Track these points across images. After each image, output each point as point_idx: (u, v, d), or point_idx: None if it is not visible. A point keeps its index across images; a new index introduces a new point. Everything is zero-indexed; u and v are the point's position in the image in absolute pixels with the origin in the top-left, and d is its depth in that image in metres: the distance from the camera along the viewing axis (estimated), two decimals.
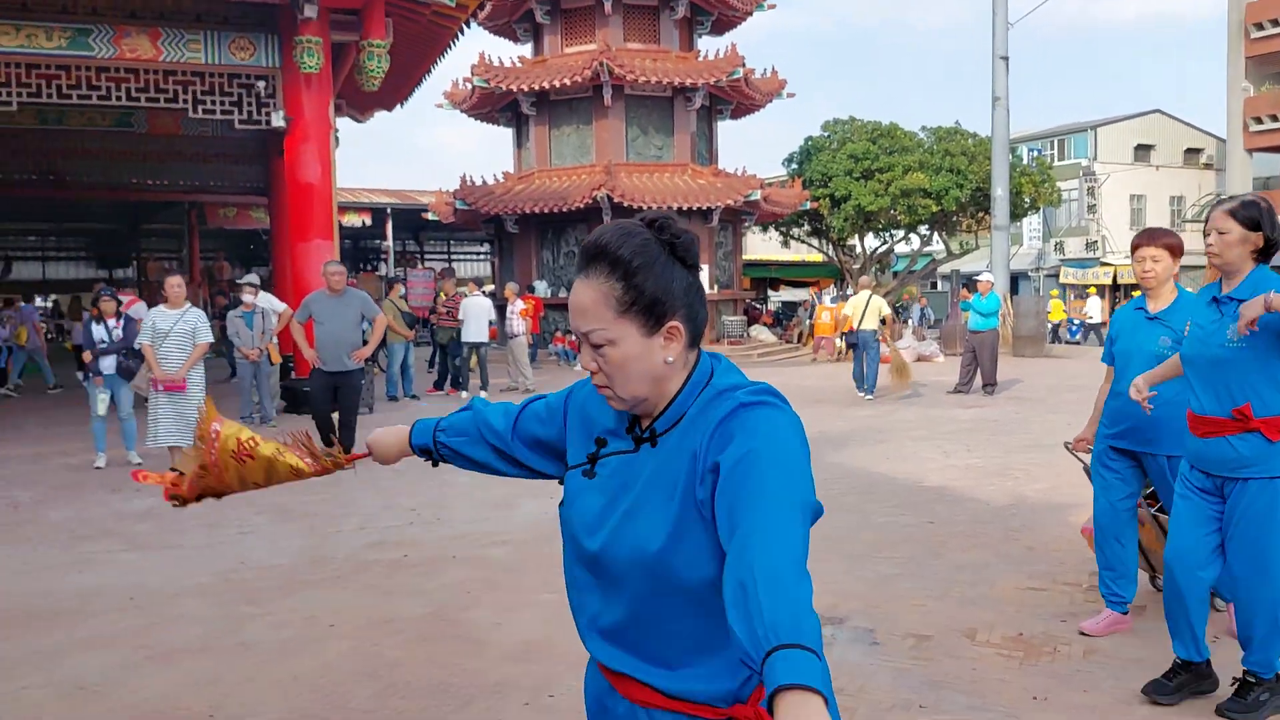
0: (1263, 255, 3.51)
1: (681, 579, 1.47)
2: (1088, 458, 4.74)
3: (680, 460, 1.48)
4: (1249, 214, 3.47)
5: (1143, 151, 44.57)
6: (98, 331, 9.27)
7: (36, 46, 12.73)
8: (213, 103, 13.55)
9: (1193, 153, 45.69)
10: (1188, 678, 3.68)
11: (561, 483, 1.70)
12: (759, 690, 1.45)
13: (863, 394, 14.24)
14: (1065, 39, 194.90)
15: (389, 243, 32.69)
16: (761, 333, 26.59)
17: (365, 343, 9.11)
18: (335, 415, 9.05)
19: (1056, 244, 42.84)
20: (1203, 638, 3.67)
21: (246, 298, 12.23)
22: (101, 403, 9.26)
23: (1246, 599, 3.53)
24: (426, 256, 41.06)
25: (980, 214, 29.65)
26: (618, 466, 1.56)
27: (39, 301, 22.40)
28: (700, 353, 1.57)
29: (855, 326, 14.37)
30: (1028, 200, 30.08)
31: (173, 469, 2.11)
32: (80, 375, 9.65)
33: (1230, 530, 3.53)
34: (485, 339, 15.13)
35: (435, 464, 1.99)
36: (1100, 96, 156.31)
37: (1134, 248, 4.32)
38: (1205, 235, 3.57)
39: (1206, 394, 3.54)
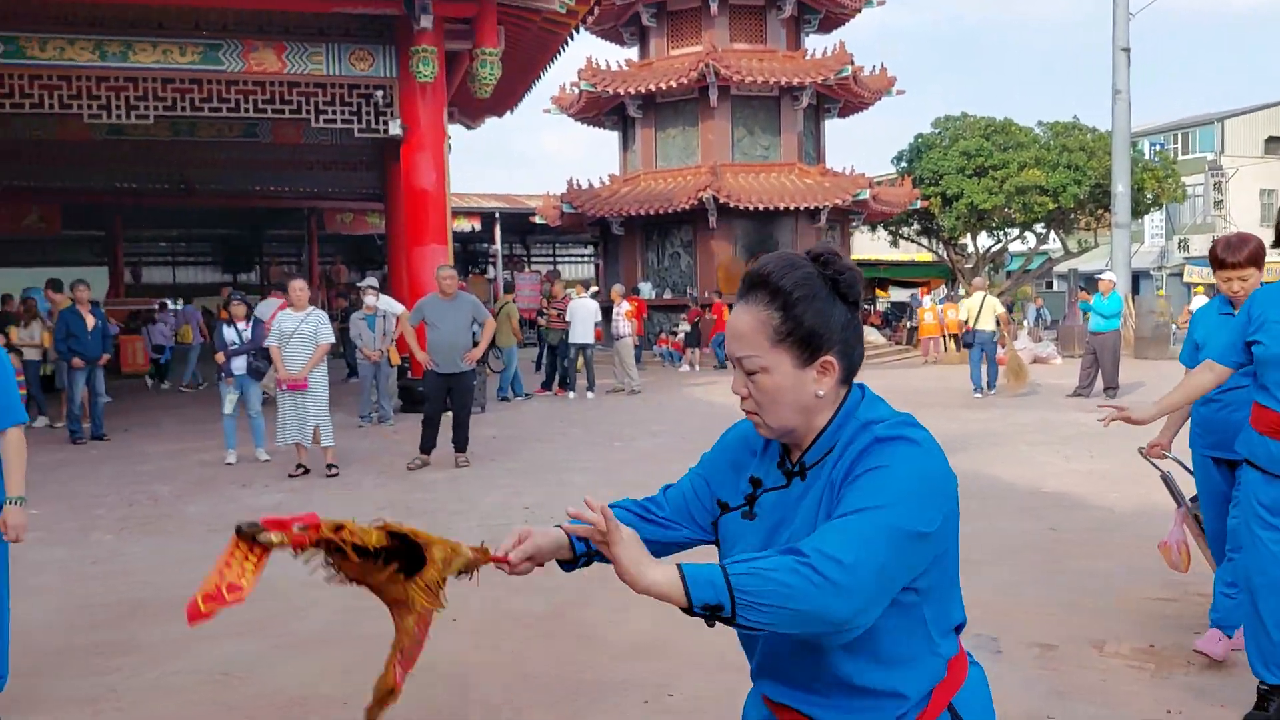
0: None
1: None
2: (1165, 465, 4.52)
3: (825, 494, 1.49)
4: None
5: (1274, 144, 42.46)
6: (229, 334, 9.69)
7: (171, 62, 13.40)
8: (334, 113, 14.04)
9: None
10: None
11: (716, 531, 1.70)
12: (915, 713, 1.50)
13: (979, 395, 14.24)
14: (1190, 28, 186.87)
15: (497, 246, 33.28)
16: (870, 334, 26.22)
17: (475, 344, 9.36)
18: (450, 414, 9.29)
19: (1180, 241, 41.11)
20: None
21: (369, 300, 12.63)
22: (230, 401, 9.72)
23: None
24: (533, 259, 41.68)
25: (1099, 211, 28.66)
26: (774, 503, 1.57)
27: (171, 305, 23.58)
28: (851, 385, 1.57)
29: (972, 326, 14.49)
30: (1150, 196, 28.97)
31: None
32: (215, 376, 10.14)
33: None
34: (591, 340, 15.31)
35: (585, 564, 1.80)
36: (1228, 87, 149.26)
37: (1217, 264, 3.87)
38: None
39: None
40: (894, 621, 1.45)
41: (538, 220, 27.61)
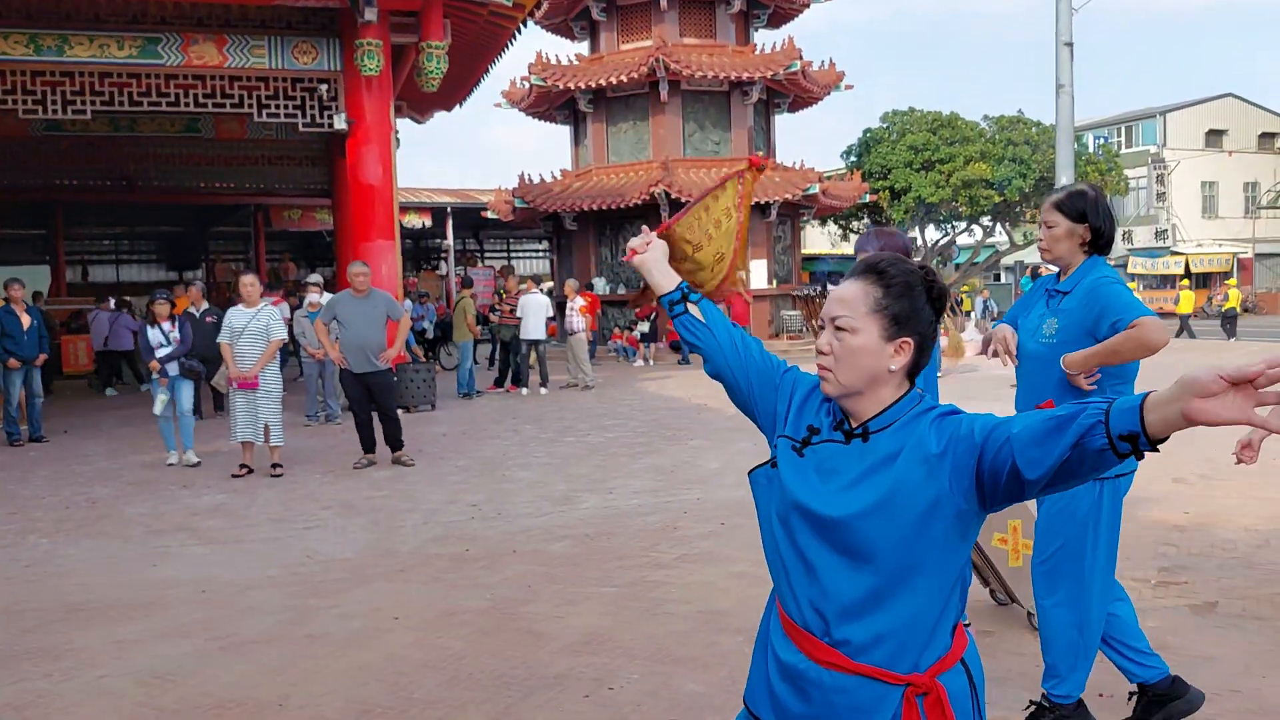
0: (1095, 245, 3.34)
1: (898, 558, 1.69)
2: None
3: (906, 460, 1.71)
4: (1075, 205, 3.31)
5: (1214, 137, 43.37)
6: (153, 335, 9.35)
7: (109, 56, 13.11)
8: (277, 107, 13.82)
9: (1268, 137, 44.39)
10: None
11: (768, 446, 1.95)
12: (935, 666, 1.72)
13: None
14: (1132, 23, 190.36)
15: (449, 242, 33.02)
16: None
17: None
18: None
19: (1125, 233, 41.86)
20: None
21: (312, 297, 12.47)
22: (160, 402, 9.40)
23: None
24: (486, 255, 41.42)
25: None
26: (828, 454, 1.79)
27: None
28: (914, 381, 1.82)
29: None
30: None
31: None
32: (143, 380, 9.80)
33: None
34: (544, 336, 15.25)
35: (682, 311, 2.12)
36: (1169, 81, 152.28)
37: None
38: (1038, 228, 3.46)
39: (1021, 387, 3.48)
40: (952, 564, 1.71)
41: (490, 215, 27.46)
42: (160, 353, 9.31)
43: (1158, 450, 1.47)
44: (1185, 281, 31.96)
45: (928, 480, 1.68)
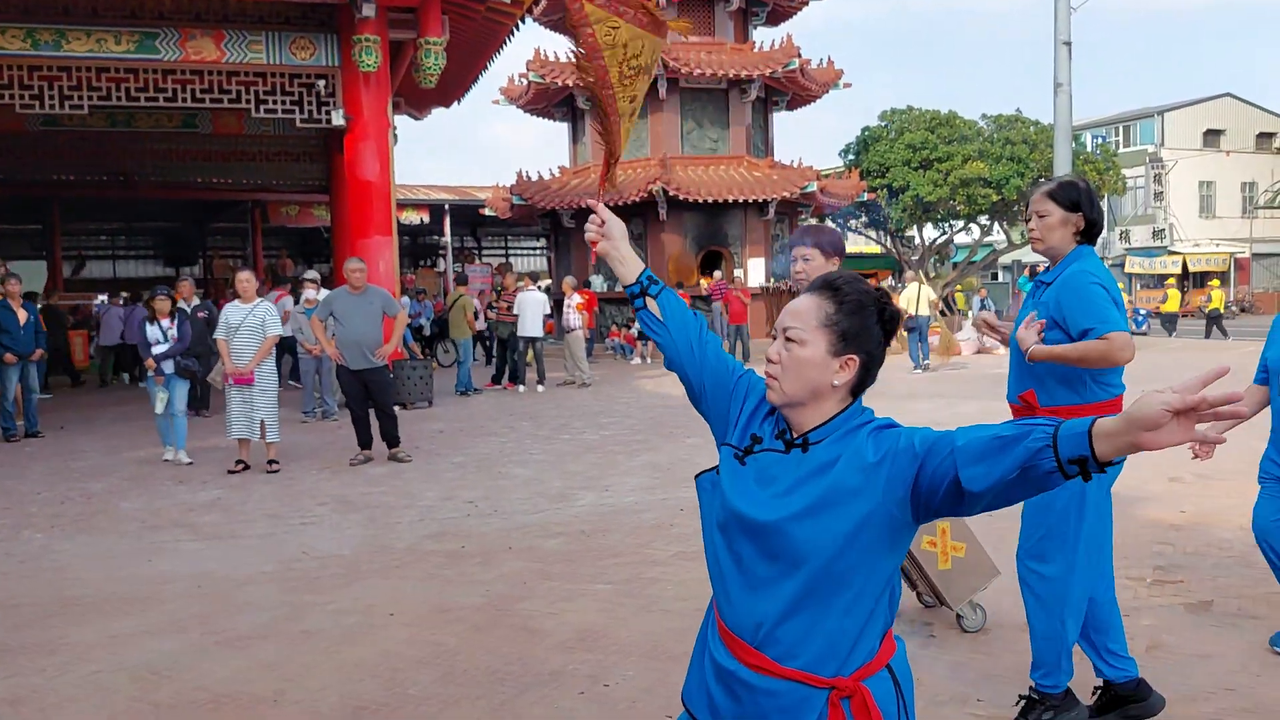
0: (1086, 236, 3.36)
1: (824, 565, 1.73)
2: None
3: (841, 468, 1.75)
4: (1069, 195, 3.32)
5: (1212, 136, 43.40)
6: (152, 332, 9.26)
7: (106, 51, 13.07)
8: (274, 102, 13.79)
9: (1265, 137, 44.41)
10: None
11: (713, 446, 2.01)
12: (860, 670, 1.76)
13: (918, 370, 16.47)
14: (1131, 22, 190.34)
15: (447, 239, 32.99)
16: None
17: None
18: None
19: (1122, 233, 41.90)
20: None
21: (309, 293, 12.45)
22: (161, 401, 9.32)
23: None
24: (484, 252, 41.40)
25: None
26: (767, 462, 1.84)
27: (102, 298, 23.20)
28: (858, 398, 1.87)
29: (914, 313, 16.81)
30: None
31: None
32: (142, 376, 9.72)
33: None
34: (541, 333, 15.24)
35: (641, 306, 2.14)
36: (1168, 81, 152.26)
37: None
38: (1026, 220, 3.46)
39: (1010, 376, 3.55)
40: (879, 573, 1.75)
41: (488, 212, 27.43)
42: (156, 350, 9.23)
43: (1105, 472, 1.53)
44: (1171, 280, 32.04)
45: (862, 489, 1.72)
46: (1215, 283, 28.88)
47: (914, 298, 17.07)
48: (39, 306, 12.94)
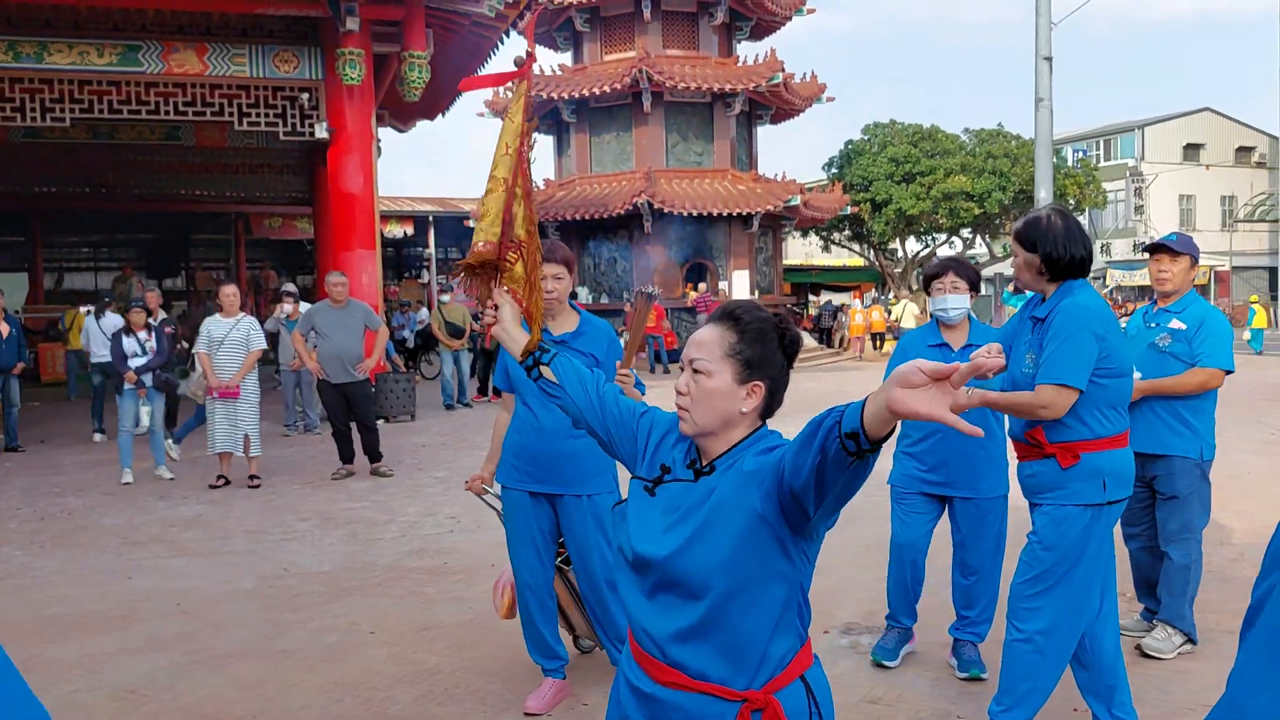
0: (1063, 271, 3.22)
1: (719, 584, 1.78)
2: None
3: (724, 485, 1.82)
4: (1028, 235, 3.23)
5: (1192, 150, 43.84)
6: (128, 344, 8.94)
7: (88, 64, 13.03)
8: (258, 115, 13.77)
9: (1244, 151, 44.87)
10: None
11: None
12: (771, 683, 1.80)
13: None
14: (1111, 37, 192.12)
15: (431, 250, 32.93)
16: (806, 339, 26.62)
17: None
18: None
19: (1103, 246, 42.21)
20: None
21: (287, 307, 12.39)
22: (144, 414, 8.95)
23: None
24: None
25: None
26: (677, 492, 1.89)
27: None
28: (764, 424, 1.92)
29: (901, 326, 17.59)
30: (1072, 202, 29.68)
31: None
32: (118, 389, 9.25)
33: None
34: None
35: (538, 376, 2.17)
36: (1147, 95, 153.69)
37: None
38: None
39: (1012, 416, 3.40)
40: (776, 587, 1.79)
41: (473, 224, 27.31)
42: (134, 363, 9.01)
43: (876, 450, 1.52)
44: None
45: (741, 500, 1.77)
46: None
47: (902, 313, 17.81)
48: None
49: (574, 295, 16.15)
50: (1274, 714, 0.86)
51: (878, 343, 25.69)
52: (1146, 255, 4.31)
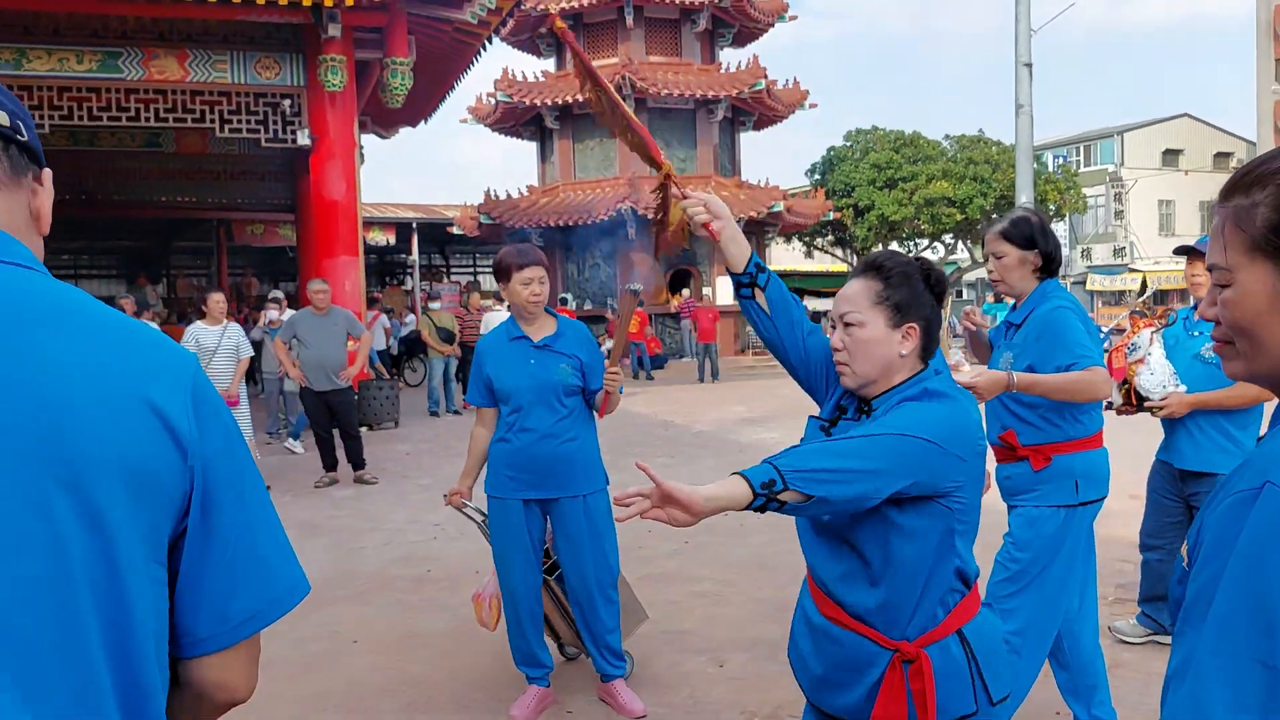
0: (1046, 270, 3.27)
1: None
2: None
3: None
4: (1022, 232, 3.22)
5: (1171, 156, 44.19)
6: None
7: (68, 70, 12.96)
8: (239, 122, 13.72)
9: (1222, 156, 45.25)
10: None
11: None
12: (924, 636, 1.82)
13: None
14: (1090, 44, 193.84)
15: (414, 257, 32.85)
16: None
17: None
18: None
19: (1083, 251, 42.51)
20: None
21: (272, 313, 12.34)
22: None
23: None
24: (452, 271, 41.25)
25: None
26: (844, 430, 1.95)
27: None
28: (929, 363, 1.94)
29: None
30: (1053, 207, 29.89)
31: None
32: None
33: None
34: None
35: (749, 295, 2.14)
36: (1127, 101, 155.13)
37: None
38: (984, 260, 3.39)
39: (987, 417, 3.38)
40: (916, 543, 1.81)
41: (456, 231, 27.38)
42: None
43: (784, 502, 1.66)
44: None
45: None
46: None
47: None
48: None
49: (564, 300, 16.03)
50: (1239, 710, 0.87)
51: None
52: (1180, 258, 4.04)
